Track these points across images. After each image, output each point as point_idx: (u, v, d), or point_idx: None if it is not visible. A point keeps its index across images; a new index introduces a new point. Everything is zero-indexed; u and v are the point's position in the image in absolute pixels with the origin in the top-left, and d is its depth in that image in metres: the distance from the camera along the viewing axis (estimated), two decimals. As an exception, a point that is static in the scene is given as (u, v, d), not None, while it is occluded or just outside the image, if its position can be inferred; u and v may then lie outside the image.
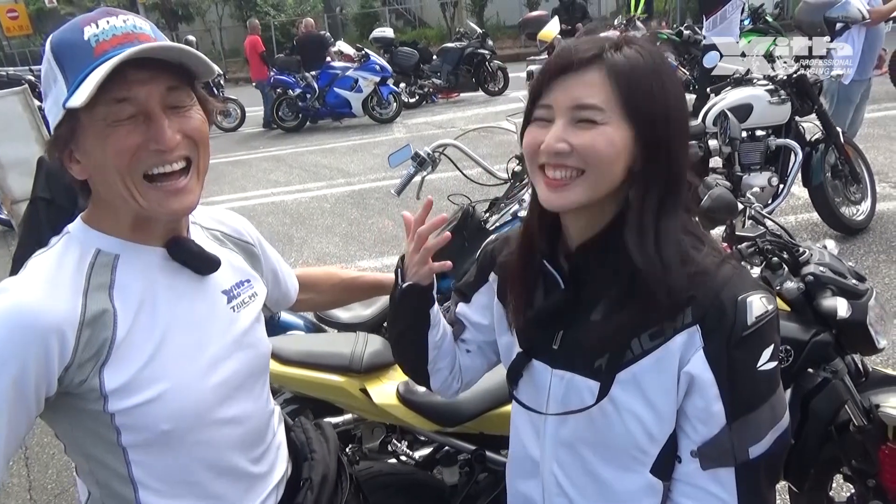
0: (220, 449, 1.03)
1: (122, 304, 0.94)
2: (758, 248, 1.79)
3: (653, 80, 0.87)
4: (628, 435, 0.95)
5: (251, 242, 1.22)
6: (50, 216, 1.40)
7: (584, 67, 0.87)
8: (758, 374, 0.90)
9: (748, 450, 0.91)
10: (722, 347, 0.88)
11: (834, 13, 4.40)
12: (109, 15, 0.91)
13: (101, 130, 0.89)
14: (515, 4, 20.10)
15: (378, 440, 2.05)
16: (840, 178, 4.44)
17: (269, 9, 21.97)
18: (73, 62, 0.88)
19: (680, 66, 8.59)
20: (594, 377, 0.95)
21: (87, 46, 0.88)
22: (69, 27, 0.92)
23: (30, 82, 9.37)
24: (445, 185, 5.47)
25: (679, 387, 0.92)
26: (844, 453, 1.77)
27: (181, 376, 0.97)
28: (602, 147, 0.86)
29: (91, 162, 0.92)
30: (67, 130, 0.90)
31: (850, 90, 4.80)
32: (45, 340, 0.86)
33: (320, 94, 10.71)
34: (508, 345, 1.10)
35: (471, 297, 1.20)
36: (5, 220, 6.51)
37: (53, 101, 0.91)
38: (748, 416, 0.90)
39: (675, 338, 0.90)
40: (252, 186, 7.78)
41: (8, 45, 28.08)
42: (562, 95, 0.88)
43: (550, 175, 0.90)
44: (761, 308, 0.89)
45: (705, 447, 0.93)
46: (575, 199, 0.90)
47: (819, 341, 1.66)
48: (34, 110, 4.43)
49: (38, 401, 0.89)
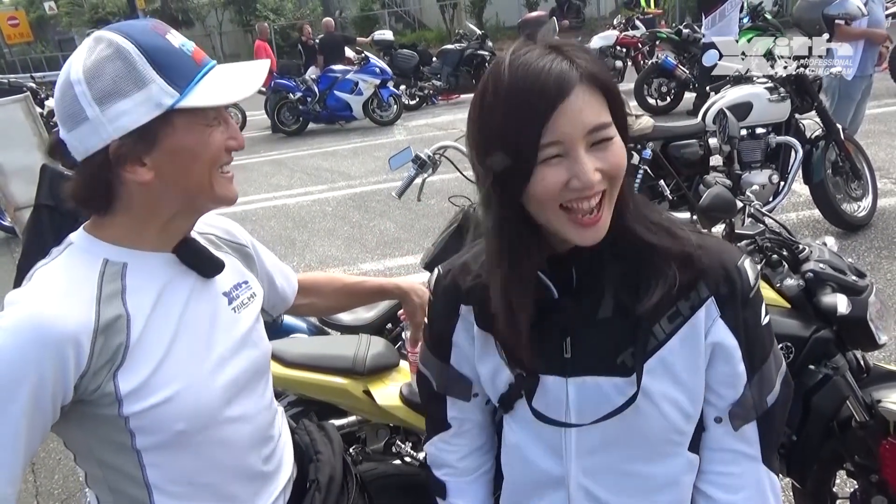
0: (231, 447, 1.05)
1: (134, 308, 0.95)
2: (757, 246, 1.79)
3: (610, 80, 0.84)
4: (665, 421, 0.93)
5: (244, 244, 1.24)
6: (54, 223, 1.41)
7: (573, 88, 0.79)
8: (763, 328, 0.95)
9: (766, 399, 0.96)
10: (738, 311, 0.92)
11: (833, 10, 4.40)
12: (164, 28, 0.97)
13: (202, 129, 0.96)
14: (514, 5, 20.13)
15: (382, 441, 2.06)
16: (841, 175, 4.44)
17: (269, 13, 22.02)
18: (173, 66, 0.93)
19: (679, 65, 8.60)
20: (619, 373, 0.92)
21: (184, 54, 0.95)
22: (149, 34, 0.94)
23: (31, 89, 9.44)
24: (446, 187, 5.48)
25: (705, 359, 0.94)
26: (847, 449, 1.77)
27: (192, 377, 0.98)
28: (623, 160, 0.84)
29: (174, 161, 0.95)
30: (152, 134, 0.92)
31: (852, 87, 4.79)
32: (62, 350, 0.87)
33: (321, 97, 10.73)
34: (493, 369, 1.01)
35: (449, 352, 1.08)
36: (8, 226, 6.54)
37: (139, 103, 0.91)
38: (762, 368, 0.95)
39: (696, 314, 0.91)
40: (254, 190, 7.79)
41: (9, 53, 28.18)
42: (569, 126, 0.80)
43: (580, 207, 0.83)
44: (755, 269, 0.94)
45: (735, 408, 0.96)
46: (607, 224, 0.86)
47: (820, 338, 1.67)
48: (36, 117, 4.46)
49: (55, 410, 0.90)
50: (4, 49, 27.89)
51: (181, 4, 24.03)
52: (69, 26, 25.74)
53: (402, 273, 4.77)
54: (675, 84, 8.72)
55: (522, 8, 19.52)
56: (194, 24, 24.19)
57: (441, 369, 1.09)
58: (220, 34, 23.67)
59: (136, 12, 20.69)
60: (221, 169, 1.01)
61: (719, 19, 6.80)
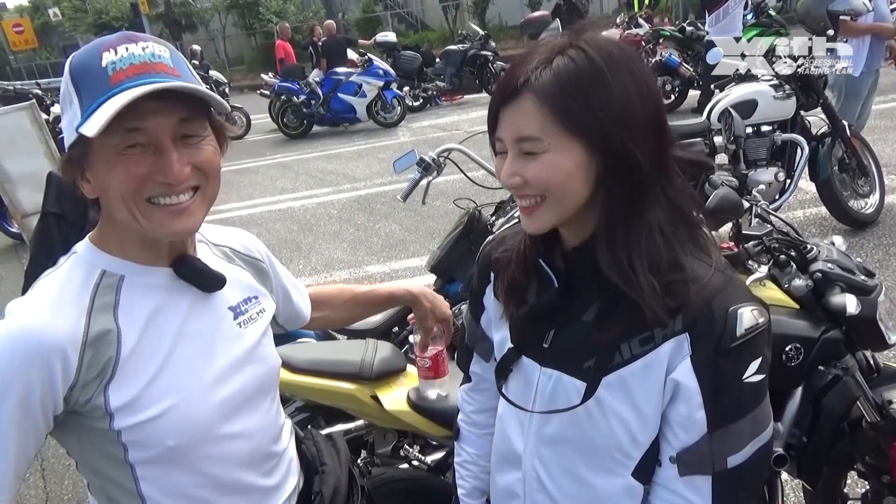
0: (227, 464, 1.04)
1: (126, 323, 0.95)
2: (765, 247, 1.78)
3: (591, 86, 0.83)
4: (612, 437, 0.95)
5: (260, 259, 1.23)
6: (61, 231, 1.42)
7: (517, 97, 0.85)
8: (743, 385, 0.90)
9: (727, 459, 0.91)
10: (709, 356, 0.88)
11: (838, 6, 4.37)
12: (129, 41, 0.91)
13: (111, 157, 0.90)
14: (517, 5, 20.11)
15: (390, 445, 2.06)
16: (847, 172, 4.41)
17: (272, 16, 22.07)
18: (88, 88, 0.89)
19: (683, 63, 8.58)
20: (582, 378, 0.95)
21: (104, 74, 0.89)
22: (89, 51, 0.92)
23: (37, 96, 9.48)
24: (451, 189, 5.49)
25: (665, 393, 0.92)
26: (857, 450, 1.76)
27: (187, 392, 0.98)
28: (548, 176, 0.86)
29: (99, 184, 0.93)
30: (80, 152, 0.92)
31: (859, 83, 4.77)
32: (48, 360, 0.87)
33: (325, 99, 10.75)
34: (503, 340, 1.09)
35: (480, 312, 1.17)
36: (16, 233, 6.57)
37: (68, 122, 0.92)
38: (730, 426, 0.90)
39: (664, 344, 0.89)
40: (259, 194, 7.81)
41: (14, 60, 28.31)
42: (505, 129, 0.88)
43: (519, 202, 0.93)
44: (752, 320, 0.88)
45: (684, 453, 0.93)
46: (545, 223, 0.92)
47: (829, 338, 1.66)
48: (42, 125, 4.48)
49: (47, 419, 0.91)
50: (10, 56, 28.03)
51: (185, 9, 24.11)
52: (73, 31, 25.86)
53: (407, 275, 4.77)
54: (679, 82, 8.70)
55: (525, 8, 19.50)
56: (198, 28, 24.28)
57: (472, 325, 1.20)
58: (224, 38, 23.72)
59: (139, 17, 20.80)
60: (154, 200, 0.92)
61: (723, 16, 6.78)
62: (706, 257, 0.92)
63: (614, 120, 0.83)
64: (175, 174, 0.91)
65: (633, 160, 0.84)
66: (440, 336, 1.68)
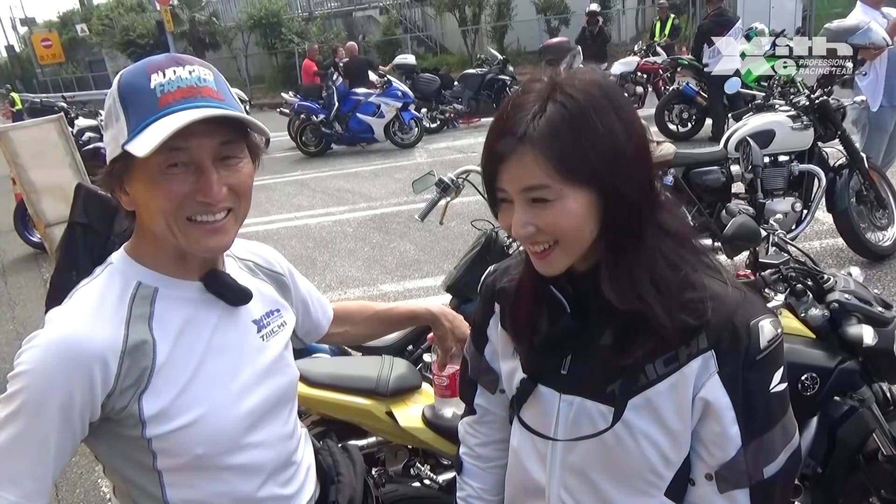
0: (250, 472, 1.07)
1: (160, 334, 0.98)
2: (782, 276, 1.79)
3: (582, 129, 0.84)
4: (643, 459, 0.95)
5: (281, 273, 1.27)
6: (86, 241, 1.46)
7: (515, 150, 0.86)
8: (771, 395, 0.92)
9: (763, 470, 0.93)
10: (737, 371, 0.90)
11: (857, 40, 4.39)
12: (177, 64, 0.94)
13: (154, 174, 0.93)
14: (535, 31, 20.31)
15: (402, 463, 2.06)
16: (865, 204, 4.40)
17: (294, 36, 22.42)
18: (136, 107, 0.92)
19: (700, 92, 8.61)
20: (607, 402, 0.95)
21: (153, 96, 0.92)
22: (137, 70, 0.95)
23: (63, 109, 9.68)
24: (468, 210, 5.52)
25: (693, 411, 0.93)
26: (873, 483, 1.74)
27: (214, 403, 1.01)
28: (562, 223, 0.87)
29: (139, 198, 0.97)
30: (122, 167, 0.95)
31: (881, 117, 4.76)
32: (90, 369, 0.91)
33: (343, 118, 10.87)
34: (511, 370, 1.08)
35: (484, 344, 1.17)
36: (37, 242, 6.68)
37: (112, 137, 0.95)
38: (763, 437, 0.92)
39: (690, 363, 0.91)
40: (276, 210, 7.89)
41: (41, 73, 28.95)
42: (508, 180, 0.89)
43: (531, 249, 0.93)
44: (772, 332, 0.91)
45: (723, 470, 0.94)
46: (561, 265, 0.93)
47: (845, 369, 1.66)
48: (69, 137, 4.56)
49: (84, 426, 0.94)
50: (37, 69, 28.67)
51: (209, 28, 24.54)
52: (100, 47, 26.40)
53: (421, 294, 4.79)
54: (696, 110, 8.72)
55: (544, 34, 19.68)
56: (221, 46, 24.69)
57: (476, 357, 1.19)
58: (246, 56, 24.10)
59: (164, 34, 21.21)
60: (194, 218, 0.96)
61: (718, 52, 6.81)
62: (719, 275, 0.94)
63: (604, 157, 0.85)
64: (214, 194, 0.94)
65: (626, 193, 0.87)
66: (458, 355, 1.69)
